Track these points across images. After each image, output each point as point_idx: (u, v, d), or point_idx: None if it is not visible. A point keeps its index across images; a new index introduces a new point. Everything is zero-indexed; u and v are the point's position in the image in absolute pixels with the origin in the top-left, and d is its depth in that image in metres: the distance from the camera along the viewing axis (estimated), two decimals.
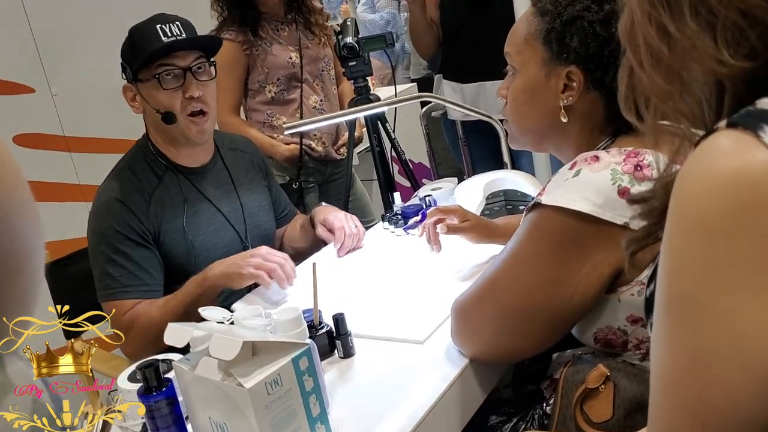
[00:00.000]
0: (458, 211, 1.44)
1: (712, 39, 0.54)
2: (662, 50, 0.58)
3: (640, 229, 0.66)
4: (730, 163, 0.51)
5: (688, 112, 0.59)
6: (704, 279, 0.51)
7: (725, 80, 0.56)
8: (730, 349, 0.50)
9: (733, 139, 0.52)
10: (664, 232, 0.55)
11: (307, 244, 1.87)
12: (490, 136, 2.22)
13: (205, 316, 1.09)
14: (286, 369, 0.93)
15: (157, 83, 1.55)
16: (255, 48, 2.23)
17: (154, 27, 1.54)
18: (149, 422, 0.99)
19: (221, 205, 1.67)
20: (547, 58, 1.08)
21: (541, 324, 1.02)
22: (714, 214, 0.51)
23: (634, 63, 0.61)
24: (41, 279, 0.53)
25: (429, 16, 2.45)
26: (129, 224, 1.53)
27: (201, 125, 1.60)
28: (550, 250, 0.99)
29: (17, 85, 2.51)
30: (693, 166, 0.53)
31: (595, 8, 1.04)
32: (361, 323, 1.28)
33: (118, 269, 1.52)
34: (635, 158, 0.96)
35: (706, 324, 0.51)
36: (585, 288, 0.98)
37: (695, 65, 0.56)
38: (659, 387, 0.56)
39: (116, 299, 1.51)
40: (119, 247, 1.52)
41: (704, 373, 0.52)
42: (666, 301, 0.55)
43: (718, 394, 0.51)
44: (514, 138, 1.20)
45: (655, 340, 0.57)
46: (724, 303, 0.50)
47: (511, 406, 1.16)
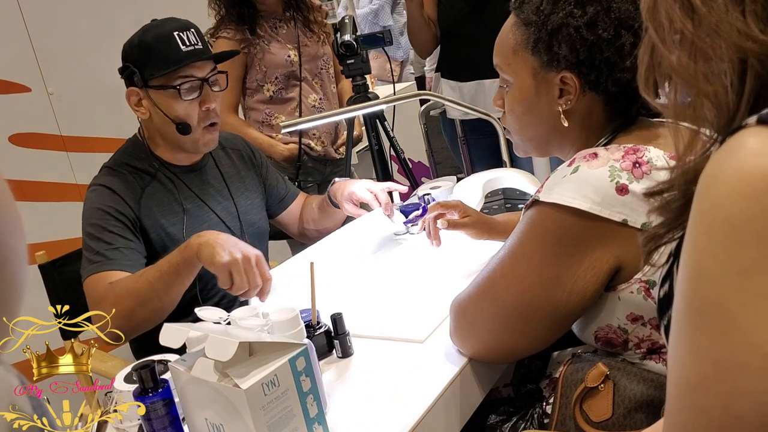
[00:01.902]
0: (459, 206, 1.44)
1: (741, 13, 0.53)
2: (686, 26, 0.56)
3: (657, 225, 0.63)
4: (761, 163, 0.49)
5: (711, 92, 0.56)
6: (731, 284, 0.49)
7: (752, 57, 0.53)
8: (760, 360, 0.48)
9: (762, 137, 0.50)
10: (687, 234, 0.53)
11: (331, 223, 1.86)
12: (488, 135, 2.22)
13: (202, 317, 1.09)
14: (283, 369, 0.93)
15: (175, 93, 1.53)
16: (253, 46, 2.22)
17: (172, 33, 1.51)
18: (145, 423, 0.98)
19: (213, 204, 1.67)
20: (539, 67, 1.07)
21: (540, 322, 1.02)
22: (743, 216, 0.49)
23: (657, 40, 0.59)
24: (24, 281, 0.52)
25: (427, 14, 2.44)
26: (118, 209, 1.51)
27: (214, 135, 1.60)
28: (548, 247, 0.98)
29: (13, 84, 2.50)
30: (720, 165, 0.51)
31: (578, 13, 1.02)
32: (360, 323, 1.28)
33: (102, 245, 1.48)
34: (634, 155, 0.96)
35: (732, 332, 0.49)
36: (583, 285, 0.97)
37: (721, 41, 0.54)
38: (679, 395, 0.54)
39: (98, 272, 1.45)
40: (106, 226, 1.49)
41: (730, 384, 0.49)
42: (689, 306, 0.52)
43: (745, 406, 0.49)
44: (519, 147, 1.19)
45: (675, 346, 0.54)
46: (752, 310, 0.48)
47: (510, 406, 1.15)
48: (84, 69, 2.56)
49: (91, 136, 2.65)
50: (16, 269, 0.49)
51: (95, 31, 2.56)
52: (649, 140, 1.00)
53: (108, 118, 2.54)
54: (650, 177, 0.93)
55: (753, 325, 0.48)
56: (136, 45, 1.54)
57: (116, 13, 2.56)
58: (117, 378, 1.11)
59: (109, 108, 2.44)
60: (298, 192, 1.93)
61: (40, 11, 2.51)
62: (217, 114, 1.60)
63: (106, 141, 2.60)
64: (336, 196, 1.75)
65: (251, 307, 1.17)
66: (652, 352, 1.00)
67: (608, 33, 1.01)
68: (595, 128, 1.08)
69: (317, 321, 1.22)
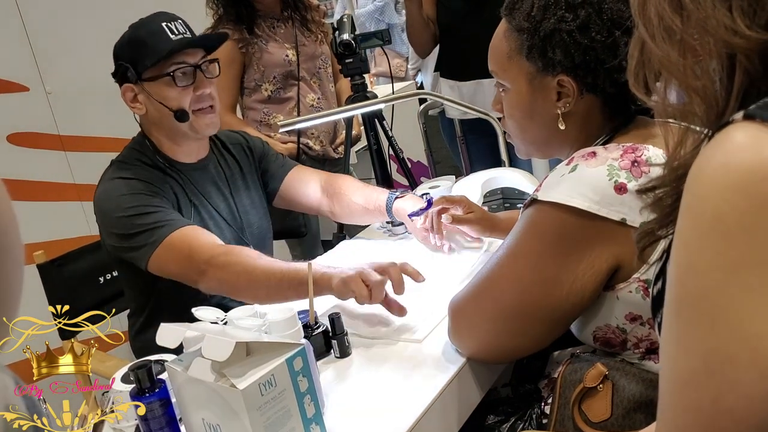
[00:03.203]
0: (463, 201, 1.44)
1: (728, 8, 0.53)
2: (675, 22, 0.56)
3: (650, 221, 0.64)
4: (748, 158, 0.49)
5: (700, 88, 0.57)
6: (720, 279, 0.49)
7: (740, 53, 0.53)
8: (748, 353, 0.48)
9: (751, 132, 0.50)
10: (677, 229, 0.53)
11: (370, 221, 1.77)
12: (487, 134, 2.21)
13: (199, 317, 1.08)
14: (280, 369, 0.92)
15: (170, 80, 1.53)
16: (251, 46, 2.22)
17: (160, 25, 1.52)
18: (142, 424, 0.98)
19: (217, 203, 1.66)
20: (535, 72, 1.06)
21: (538, 321, 1.01)
22: (731, 211, 0.49)
23: (646, 36, 0.59)
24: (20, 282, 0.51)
25: (426, 13, 2.43)
26: (153, 190, 1.49)
27: (212, 118, 1.60)
28: (546, 246, 0.98)
29: (11, 83, 2.50)
30: (708, 160, 0.51)
31: (569, 17, 1.01)
32: (358, 323, 1.27)
33: (153, 216, 1.43)
34: (633, 154, 0.96)
35: (721, 326, 0.49)
36: (582, 284, 0.97)
37: (709, 38, 0.54)
38: (671, 390, 0.54)
39: (179, 227, 1.41)
40: (148, 204, 1.45)
41: (719, 377, 0.50)
42: (679, 301, 0.53)
43: (735, 399, 0.49)
44: (520, 150, 1.19)
45: (666, 341, 0.55)
46: (740, 304, 0.48)
47: (509, 406, 1.15)
48: (82, 68, 2.56)
49: (89, 135, 2.65)
50: (12, 269, 0.48)
51: (93, 31, 2.55)
52: (647, 139, 1.00)
53: (106, 118, 2.54)
54: (649, 176, 0.93)
55: (741, 318, 0.49)
56: (127, 42, 1.56)
57: (114, 13, 2.55)
58: (115, 378, 1.11)
59: (107, 107, 2.42)
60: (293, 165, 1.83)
61: (38, 11, 2.51)
62: (213, 98, 1.59)
63: (104, 140, 2.60)
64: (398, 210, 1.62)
65: (248, 307, 1.17)
66: (650, 352, 1.00)
67: (602, 35, 1.00)
68: (594, 129, 1.08)
69: (315, 321, 1.22)
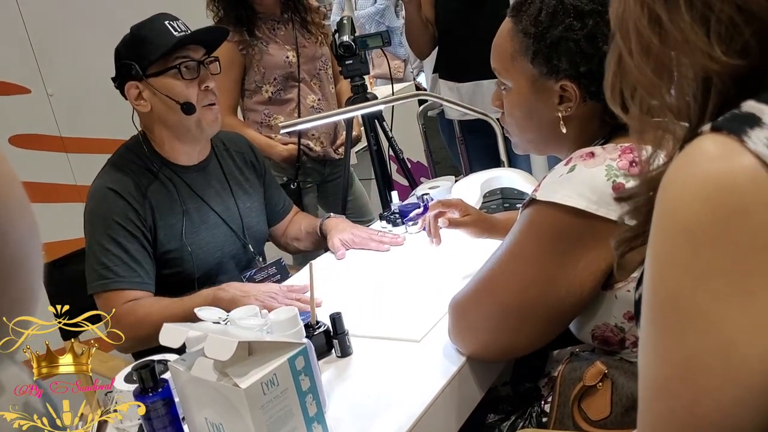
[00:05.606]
0: (460, 204, 1.45)
1: (705, 33, 0.53)
2: (653, 40, 0.56)
3: (628, 229, 0.65)
4: (715, 168, 0.50)
5: (674, 107, 0.57)
6: (690, 287, 0.50)
7: (714, 77, 0.54)
8: (719, 359, 0.49)
9: (718, 143, 0.50)
10: (649, 238, 0.54)
11: (313, 247, 1.89)
12: (487, 135, 2.22)
13: (201, 317, 1.09)
14: (282, 369, 0.93)
15: (176, 73, 1.55)
16: (251, 48, 2.22)
17: (162, 23, 1.55)
18: (146, 423, 0.98)
19: (215, 204, 1.67)
20: (538, 75, 1.07)
21: (537, 320, 1.02)
22: (699, 220, 0.49)
23: (624, 50, 0.59)
24: (39, 285, 0.52)
25: (424, 15, 2.44)
26: (125, 214, 1.53)
27: (216, 115, 1.62)
28: (545, 246, 0.98)
29: (13, 85, 2.50)
30: (677, 171, 0.52)
31: (577, 25, 1.02)
32: (359, 322, 1.28)
33: (113, 259, 1.51)
34: (631, 154, 0.96)
35: (692, 333, 0.50)
36: (581, 284, 0.97)
37: (685, 59, 0.55)
38: (648, 396, 0.55)
39: (111, 289, 1.50)
40: (115, 237, 1.51)
41: (692, 384, 0.50)
42: (652, 308, 0.53)
43: (708, 405, 0.50)
44: (518, 146, 1.20)
45: (642, 348, 0.55)
46: (710, 311, 0.49)
47: (509, 404, 1.16)
48: (83, 70, 2.56)
49: (90, 137, 2.65)
50: (32, 274, 0.49)
51: (94, 33, 2.56)
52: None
53: (107, 119, 2.55)
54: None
55: (711, 326, 0.49)
56: (129, 40, 1.57)
57: (115, 15, 2.56)
58: (117, 378, 1.12)
59: (108, 109, 2.43)
60: (292, 206, 1.95)
61: (39, 13, 2.52)
62: (215, 95, 1.61)
63: (106, 142, 2.60)
64: (327, 232, 1.78)
65: (251, 306, 1.18)
66: None
67: (608, 46, 1.01)
68: (593, 131, 1.08)
69: (316, 321, 1.22)
